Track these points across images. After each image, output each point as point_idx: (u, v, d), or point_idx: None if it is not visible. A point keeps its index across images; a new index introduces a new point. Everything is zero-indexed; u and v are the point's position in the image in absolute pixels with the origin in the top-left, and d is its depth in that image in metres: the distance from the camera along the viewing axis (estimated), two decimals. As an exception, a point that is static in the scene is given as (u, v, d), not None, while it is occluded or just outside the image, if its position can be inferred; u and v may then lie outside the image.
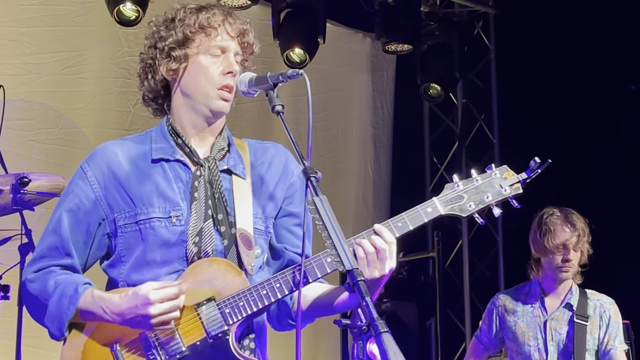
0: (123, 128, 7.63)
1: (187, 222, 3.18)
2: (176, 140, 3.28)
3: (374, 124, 9.65)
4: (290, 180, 3.37)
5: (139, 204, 3.20)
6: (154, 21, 3.37)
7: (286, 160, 3.40)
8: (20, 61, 7.34)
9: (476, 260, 9.48)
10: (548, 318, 5.41)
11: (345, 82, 9.40)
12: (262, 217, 3.30)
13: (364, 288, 2.67)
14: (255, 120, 7.94)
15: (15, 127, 6.90)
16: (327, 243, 2.82)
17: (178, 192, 3.22)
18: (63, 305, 3.14)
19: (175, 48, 3.25)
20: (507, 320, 5.51)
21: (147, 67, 3.31)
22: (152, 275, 3.16)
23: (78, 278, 3.21)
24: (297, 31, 8.38)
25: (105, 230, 3.25)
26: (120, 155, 3.27)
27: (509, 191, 3.25)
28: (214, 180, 3.24)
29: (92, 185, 3.24)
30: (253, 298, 3.09)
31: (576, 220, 5.38)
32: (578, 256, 5.38)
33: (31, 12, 7.43)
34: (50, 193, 5.17)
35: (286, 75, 3.07)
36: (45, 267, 3.23)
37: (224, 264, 3.15)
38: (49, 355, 6.37)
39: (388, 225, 3.13)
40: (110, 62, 7.79)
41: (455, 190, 3.24)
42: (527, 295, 5.51)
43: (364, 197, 9.45)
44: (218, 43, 3.26)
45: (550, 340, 5.36)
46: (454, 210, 3.22)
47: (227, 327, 3.09)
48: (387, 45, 8.84)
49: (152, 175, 3.23)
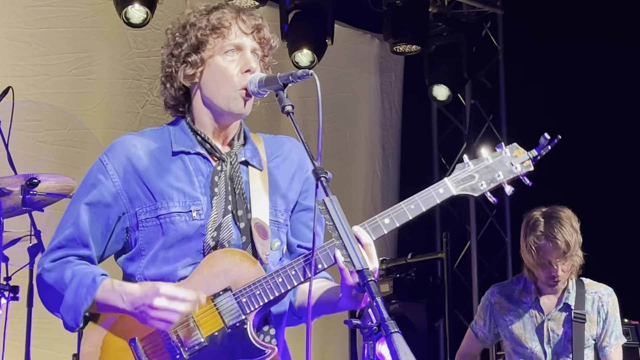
0: (132, 129, 7.63)
1: (208, 216, 3.17)
2: (196, 137, 3.28)
3: (382, 125, 9.65)
4: (306, 175, 3.37)
5: (159, 198, 3.19)
6: (170, 29, 3.34)
7: (301, 153, 3.39)
8: (29, 62, 7.36)
9: (485, 261, 9.47)
10: (545, 319, 5.25)
11: (353, 83, 9.40)
12: (280, 210, 3.30)
13: (374, 288, 2.66)
14: (264, 121, 7.95)
15: (24, 129, 6.92)
16: (338, 243, 2.81)
17: (199, 186, 3.21)
18: (80, 295, 3.13)
19: (191, 53, 3.24)
20: (502, 319, 5.35)
21: (167, 76, 3.31)
22: (170, 268, 3.16)
23: (95, 269, 3.20)
24: (305, 32, 8.40)
25: (125, 225, 3.24)
26: (140, 149, 3.25)
27: (520, 169, 3.25)
28: (235, 175, 3.24)
29: (112, 178, 3.22)
30: (269, 286, 3.09)
31: (561, 232, 5.07)
32: (568, 267, 5.15)
33: (40, 13, 7.45)
34: (60, 194, 5.18)
35: (296, 75, 3.05)
36: (63, 257, 3.21)
37: (239, 254, 3.15)
38: (58, 356, 6.38)
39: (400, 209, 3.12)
40: (118, 64, 7.80)
41: (466, 170, 3.22)
42: (522, 292, 5.32)
43: (372, 198, 9.45)
44: (233, 41, 3.24)
45: (547, 341, 5.23)
46: (465, 190, 3.20)
47: (245, 317, 3.08)
48: (395, 46, 8.84)
49: (172, 168, 3.22)
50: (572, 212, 5.19)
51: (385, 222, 3.13)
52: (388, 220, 3.13)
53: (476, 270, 9.41)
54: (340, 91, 9.19)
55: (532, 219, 5.18)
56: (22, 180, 5.01)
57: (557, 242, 5.05)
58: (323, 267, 3.11)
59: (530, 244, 5.11)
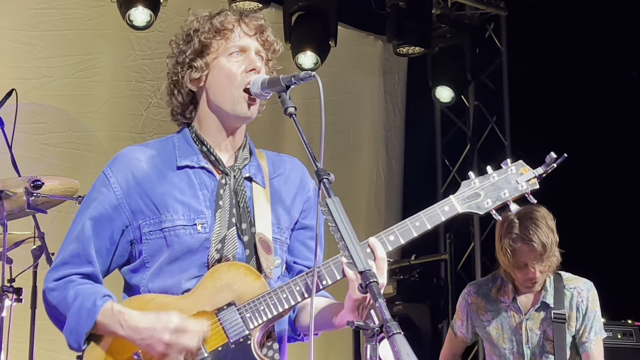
0: (135, 131, 7.64)
1: (212, 230, 3.17)
2: (201, 148, 3.28)
3: (385, 126, 9.64)
4: (307, 195, 3.39)
5: (163, 211, 3.19)
6: (174, 39, 3.36)
7: (302, 174, 3.42)
8: (32, 65, 7.37)
9: (488, 262, 9.45)
10: (523, 318, 5.14)
11: (356, 85, 9.40)
12: (281, 228, 3.31)
13: (376, 289, 2.66)
14: (267, 124, 7.93)
15: (28, 131, 6.93)
16: (340, 244, 2.81)
17: (203, 200, 3.22)
18: (81, 318, 3.12)
19: (195, 58, 3.26)
20: (479, 319, 5.26)
21: (174, 83, 3.32)
22: (174, 281, 3.16)
23: (98, 289, 3.19)
24: (308, 34, 8.39)
25: (129, 237, 3.24)
26: (144, 161, 3.26)
27: (525, 187, 3.25)
28: (239, 189, 3.24)
29: (115, 191, 3.22)
30: (273, 302, 3.09)
31: (537, 233, 4.94)
32: (545, 268, 5.03)
33: (43, 15, 7.46)
34: (63, 196, 5.18)
35: (299, 77, 3.06)
36: (66, 276, 3.20)
37: (243, 268, 3.15)
38: (61, 358, 6.38)
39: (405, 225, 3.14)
40: (122, 66, 7.81)
41: (472, 187, 3.23)
42: (498, 291, 5.22)
43: (375, 199, 9.44)
44: (237, 43, 3.27)
45: (525, 342, 5.12)
46: (471, 208, 3.21)
47: (249, 332, 3.09)
48: (398, 48, 8.84)
49: (177, 182, 3.23)
50: (547, 211, 5.05)
51: (390, 239, 3.15)
52: (393, 237, 3.16)
53: (480, 271, 9.39)
54: (344, 93, 9.18)
55: (506, 220, 5.02)
56: (25, 183, 5.02)
57: (533, 245, 4.94)
58: (327, 283, 3.12)
59: (506, 247, 4.99)
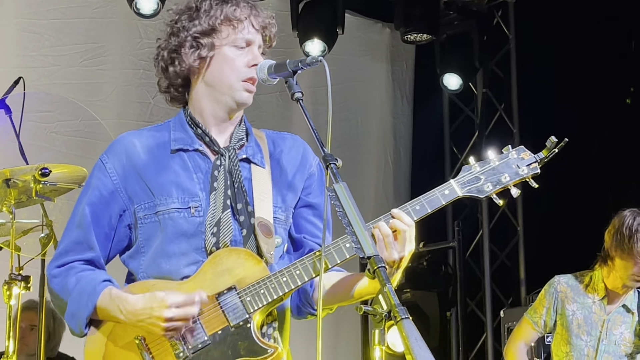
0: (143, 120, 7.65)
1: (206, 213, 3.17)
2: (195, 130, 3.28)
3: (393, 114, 9.64)
4: (308, 171, 3.37)
5: (157, 195, 3.20)
6: (174, 9, 3.36)
7: (304, 150, 3.40)
8: (40, 53, 7.37)
9: (497, 250, 9.45)
10: (606, 318, 5.34)
11: (364, 73, 9.39)
12: (282, 207, 3.30)
13: (385, 274, 2.66)
14: (275, 110, 7.94)
15: (36, 119, 6.94)
16: (348, 230, 2.80)
17: (197, 183, 3.22)
18: (82, 303, 3.15)
19: (202, 37, 3.25)
20: (565, 308, 5.40)
21: (172, 53, 3.29)
22: (172, 267, 3.17)
23: (98, 275, 3.21)
24: (315, 22, 8.38)
25: (126, 222, 3.26)
26: (139, 146, 3.27)
27: (526, 171, 3.23)
28: (233, 169, 3.23)
29: (111, 176, 3.24)
30: (273, 286, 3.09)
31: None
32: None
33: (50, 4, 7.46)
34: (71, 184, 5.19)
35: (305, 62, 3.06)
36: (68, 263, 3.22)
37: (244, 253, 3.15)
38: (70, 346, 6.42)
39: (405, 209, 3.12)
40: (129, 54, 7.81)
41: (472, 171, 3.22)
42: (587, 287, 5.39)
43: (383, 187, 9.44)
44: (245, 36, 3.26)
45: (603, 339, 5.31)
46: (471, 192, 3.20)
47: (248, 315, 3.09)
48: (406, 35, 8.82)
49: (171, 165, 3.23)
50: None
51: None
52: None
53: (488, 259, 9.39)
54: (352, 80, 9.18)
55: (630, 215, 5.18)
56: (33, 171, 5.03)
57: None
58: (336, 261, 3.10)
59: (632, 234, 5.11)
